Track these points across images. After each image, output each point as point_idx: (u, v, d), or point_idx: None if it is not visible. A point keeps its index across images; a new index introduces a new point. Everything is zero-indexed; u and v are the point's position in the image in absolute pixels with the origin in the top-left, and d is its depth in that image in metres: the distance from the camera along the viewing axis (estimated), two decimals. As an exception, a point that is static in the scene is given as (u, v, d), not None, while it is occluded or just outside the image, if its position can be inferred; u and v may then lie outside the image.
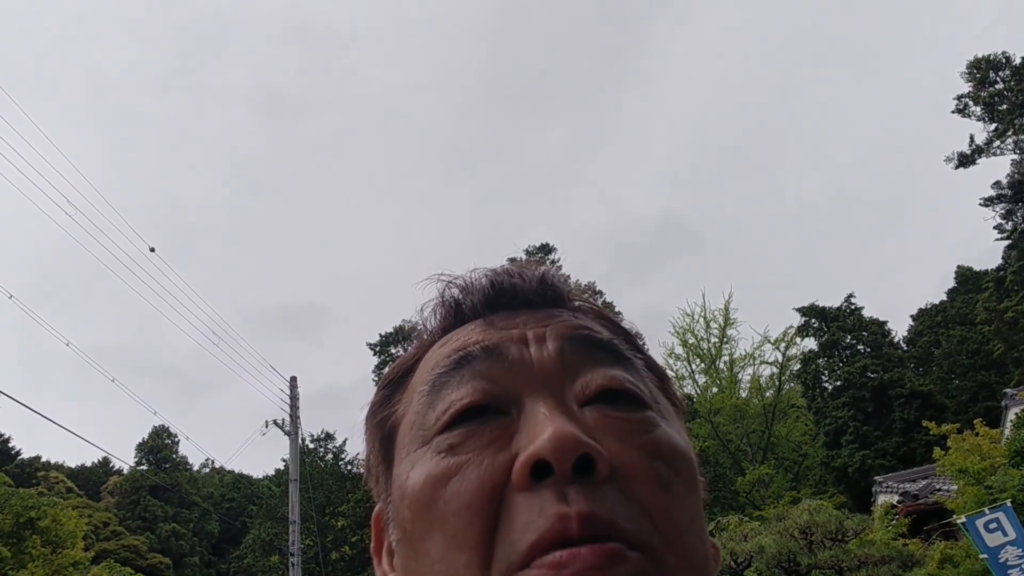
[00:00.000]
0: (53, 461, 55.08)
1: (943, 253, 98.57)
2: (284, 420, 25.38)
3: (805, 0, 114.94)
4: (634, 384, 0.62)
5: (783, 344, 42.05)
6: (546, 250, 42.95)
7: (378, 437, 0.70)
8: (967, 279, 47.95)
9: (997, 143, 36.69)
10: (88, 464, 59.70)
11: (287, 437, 25.45)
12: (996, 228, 37.78)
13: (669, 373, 0.73)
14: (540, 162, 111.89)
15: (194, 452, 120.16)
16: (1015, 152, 36.57)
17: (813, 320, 41.40)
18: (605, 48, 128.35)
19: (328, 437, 46.40)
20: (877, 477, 26.94)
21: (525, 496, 0.53)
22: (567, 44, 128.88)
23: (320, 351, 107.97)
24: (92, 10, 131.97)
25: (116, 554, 40.57)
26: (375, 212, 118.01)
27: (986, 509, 11.03)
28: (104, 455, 74.47)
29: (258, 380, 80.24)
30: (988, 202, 37.72)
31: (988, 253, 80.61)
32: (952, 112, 37.42)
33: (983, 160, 37.18)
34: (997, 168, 56.54)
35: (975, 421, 18.89)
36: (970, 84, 36.84)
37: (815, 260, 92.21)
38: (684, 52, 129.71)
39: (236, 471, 60.57)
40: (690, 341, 43.54)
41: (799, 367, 41.50)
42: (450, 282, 0.72)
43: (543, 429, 0.54)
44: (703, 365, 43.87)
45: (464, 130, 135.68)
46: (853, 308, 41.81)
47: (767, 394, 42.72)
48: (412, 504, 0.58)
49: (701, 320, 43.67)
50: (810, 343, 41.68)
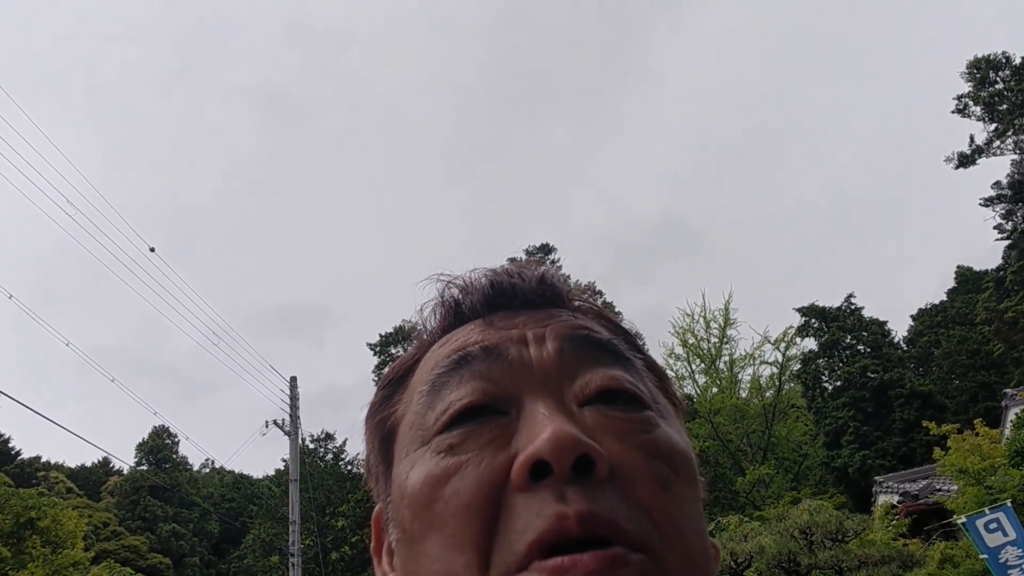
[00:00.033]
0: (53, 461, 55.12)
1: (943, 253, 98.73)
2: (284, 420, 25.40)
3: (805, 0, 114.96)
4: (633, 384, 0.62)
5: (783, 344, 42.10)
6: (546, 250, 42.93)
7: (378, 437, 0.70)
8: (967, 279, 47.93)
9: (997, 143, 36.67)
10: (88, 464, 59.77)
11: (287, 437, 25.46)
12: (996, 228, 37.81)
13: (669, 373, 0.73)
14: (540, 162, 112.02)
15: (194, 452, 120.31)
16: (1015, 152, 36.56)
17: (813, 320, 41.39)
18: (605, 48, 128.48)
19: (328, 437, 46.41)
20: (877, 477, 26.93)
21: (524, 496, 0.53)
22: (567, 44, 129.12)
23: (320, 351, 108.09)
24: (92, 10, 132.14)
25: (116, 554, 40.56)
26: (375, 212, 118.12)
27: (986, 509, 11.03)
28: (104, 455, 74.52)
29: (258, 380, 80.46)
30: (988, 202, 37.72)
31: (988, 253, 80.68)
32: (952, 112, 37.45)
33: (983, 160, 37.19)
34: (997, 168, 56.58)
35: (975, 421, 18.89)
36: (970, 84, 36.84)
37: (815, 260, 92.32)
38: (684, 52, 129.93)
39: (236, 471, 60.65)
40: (690, 341, 43.58)
41: (799, 367, 41.47)
42: (450, 282, 0.72)
43: (542, 429, 0.54)
44: (703, 365, 43.89)
45: (464, 130, 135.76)
46: (853, 308, 41.80)
47: (767, 394, 42.70)
48: (411, 504, 0.58)
49: (701, 320, 43.72)
50: (810, 343, 41.74)
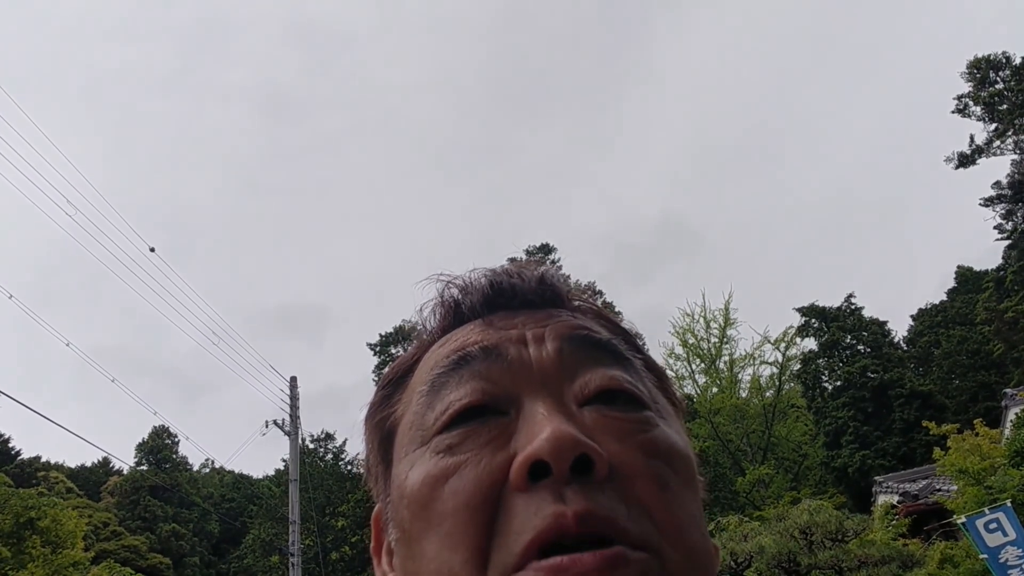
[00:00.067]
0: (53, 461, 55.09)
1: (943, 253, 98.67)
2: (284, 420, 25.40)
3: (805, 0, 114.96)
4: (633, 384, 0.62)
5: (783, 344, 42.10)
6: (546, 250, 42.93)
7: (377, 437, 0.70)
8: (967, 279, 47.92)
9: (997, 143, 36.67)
10: (88, 464, 59.75)
11: (287, 437, 25.45)
12: (996, 228, 37.82)
13: (669, 373, 0.73)
14: (540, 162, 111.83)
15: (194, 452, 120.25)
16: (1015, 152, 36.56)
17: (813, 320, 41.39)
18: (605, 48, 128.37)
19: (328, 437, 46.41)
20: (877, 477, 26.92)
21: (523, 496, 0.53)
22: (567, 44, 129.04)
23: (320, 351, 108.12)
24: (92, 10, 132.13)
25: (116, 554, 40.55)
26: (375, 212, 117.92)
27: (986, 509, 11.02)
28: (104, 455, 74.47)
29: (258, 380, 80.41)
30: (988, 202, 37.72)
31: (988, 253, 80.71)
32: (952, 112, 37.43)
33: (983, 160, 37.19)
34: (997, 168, 56.59)
35: (975, 421, 18.88)
36: (970, 84, 36.83)
37: (815, 260, 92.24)
38: (684, 52, 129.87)
39: (236, 471, 60.62)
40: (690, 341, 43.59)
41: (799, 367, 41.47)
42: (449, 282, 0.72)
43: (541, 429, 0.54)
44: (703, 365, 43.90)
45: (464, 130, 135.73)
46: (853, 308, 41.79)
47: (767, 394, 42.71)
48: (410, 504, 0.58)
49: (701, 320, 43.73)
50: (810, 343, 41.72)
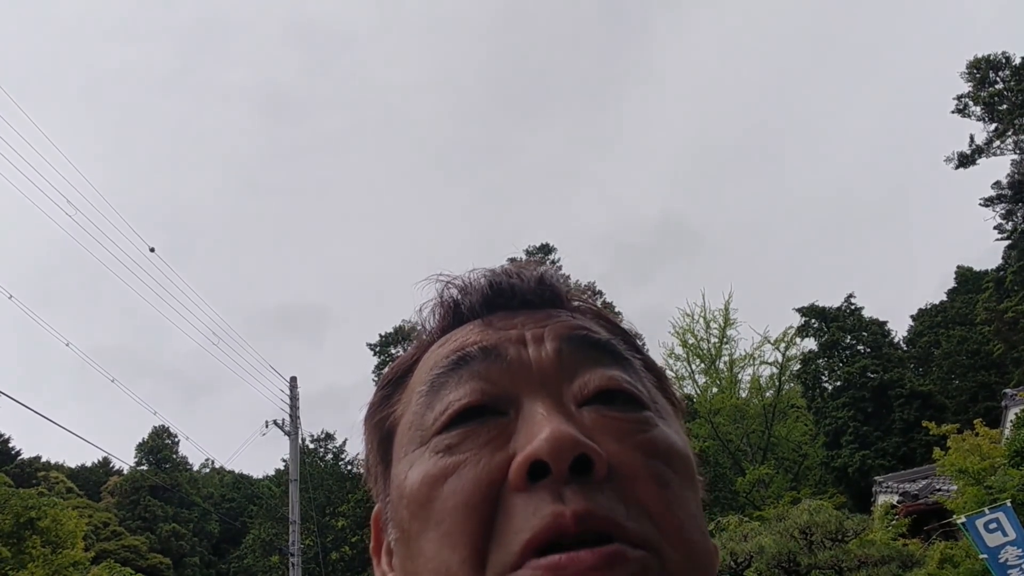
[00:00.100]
0: (53, 461, 55.10)
1: (943, 253, 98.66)
2: (284, 420, 25.40)
3: (805, 0, 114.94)
4: (632, 384, 0.62)
5: (783, 344, 42.11)
6: (546, 250, 42.93)
7: (377, 437, 0.70)
8: (967, 279, 47.92)
9: (997, 143, 36.67)
10: (88, 464, 59.76)
11: (287, 437, 25.46)
12: (996, 228, 37.83)
13: (669, 373, 0.74)
14: (540, 162, 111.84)
15: (194, 452, 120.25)
16: (1015, 152, 36.56)
17: (813, 320, 41.39)
18: (605, 48, 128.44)
19: (328, 437, 46.43)
20: (877, 477, 26.92)
21: (522, 496, 0.53)
22: (567, 44, 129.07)
23: (320, 351, 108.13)
24: (92, 10, 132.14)
25: (116, 554, 40.56)
26: (375, 212, 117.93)
27: (986, 509, 11.03)
28: (104, 455, 74.46)
29: (258, 380, 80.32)
30: (988, 202, 37.73)
31: (988, 253, 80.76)
32: (952, 112, 37.45)
33: (983, 160, 37.20)
34: (997, 168, 56.58)
35: (975, 421, 18.88)
36: (970, 84, 36.84)
37: (815, 260, 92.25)
38: (684, 52, 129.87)
39: (236, 471, 60.61)
40: (690, 341, 43.59)
41: (799, 367, 41.47)
42: (449, 282, 0.72)
43: (540, 429, 0.54)
44: (703, 365, 43.91)
45: (464, 130, 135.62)
46: (853, 308, 41.79)
47: (767, 394, 42.72)
48: (410, 503, 0.58)
49: (701, 320, 43.74)
50: (810, 343, 41.72)
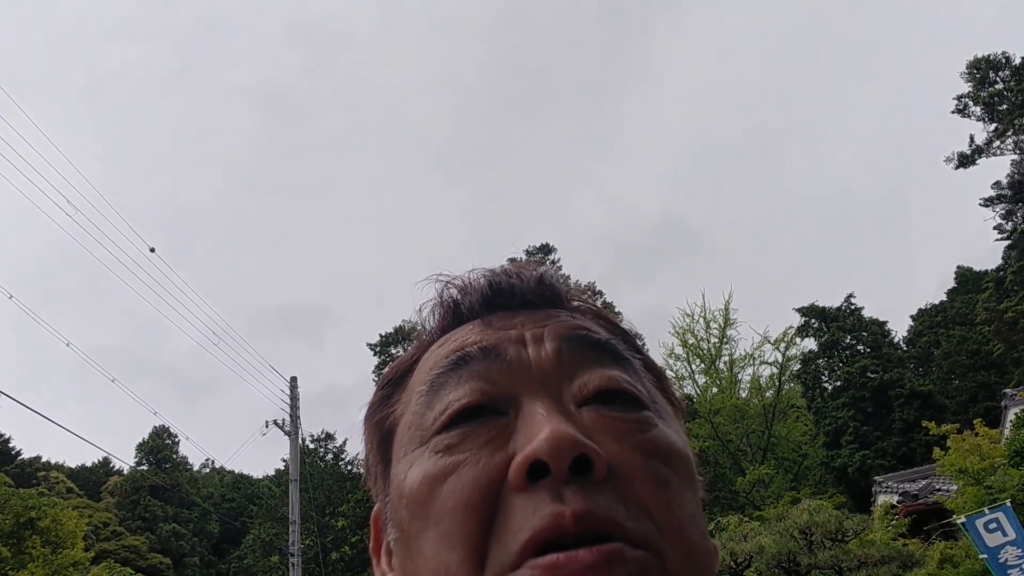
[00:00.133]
0: (53, 461, 55.08)
1: (943, 253, 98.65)
2: (284, 420, 25.39)
3: (805, 0, 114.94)
4: (632, 384, 0.62)
5: (783, 344, 42.10)
6: (546, 250, 42.93)
7: (376, 437, 0.70)
8: (967, 279, 47.92)
9: (997, 143, 36.67)
10: (88, 464, 59.75)
11: (287, 437, 25.45)
12: (996, 228, 37.83)
13: (669, 373, 0.74)
14: (540, 162, 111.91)
15: (194, 452, 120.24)
16: (1015, 152, 36.55)
17: (813, 320, 41.39)
18: (605, 48, 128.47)
19: (328, 437, 46.44)
20: (877, 477, 26.92)
21: (521, 496, 0.53)
22: (567, 44, 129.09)
23: (320, 351, 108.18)
24: (92, 10, 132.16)
25: (116, 554, 40.55)
26: (375, 212, 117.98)
27: (986, 509, 11.02)
28: (104, 455, 74.46)
29: (258, 380, 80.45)
30: (988, 202, 37.72)
31: (988, 253, 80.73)
32: (952, 112, 37.44)
33: (983, 160, 37.20)
34: (997, 168, 56.62)
35: (975, 421, 18.87)
36: (970, 84, 36.83)
37: (815, 260, 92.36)
38: (684, 52, 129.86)
39: (236, 471, 60.62)
40: (690, 341, 43.59)
41: (799, 367, 41.47)
42: (448, 282, 0.72)
43: (540, 429, 0.54)
44: (703, 365, 43.90)
45: (464, 130, 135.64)
46: (853, 308, 41.79)
47: (767, 394, 42.71)
48: (409, 503, 0.59)
49: (701, 320, 43.73)
50: (810, 343, 41.73)
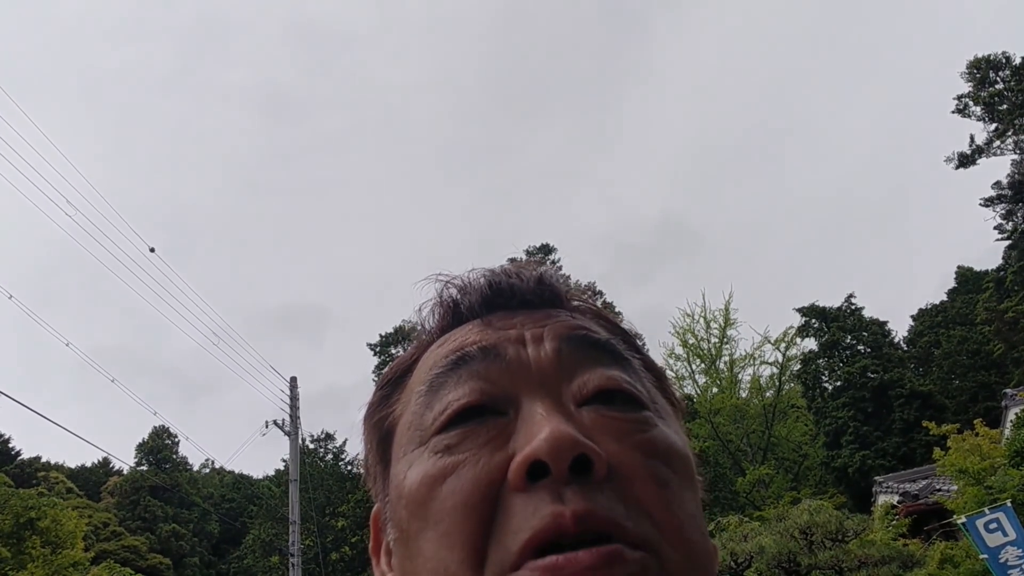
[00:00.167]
0: (53, 461, 55.07)
1: (943, 253, 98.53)
2: (284, 420, 25.39)
3: (805, 0, 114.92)
4: (631, 384, 0.62)
5: (783, 344, 42.13)
6: (546, 250, 42.94)
7: (376, 437, 0.70)
8: (967, 279, 47.91)
9: (997, 143, 36.66)
10: (88, 464, 59.71)
11: (287, 437, 25.45)
12: (996, 228, 37.81)
13: (669, 373, 0.73)
14: (540, 162, 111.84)
15: (194, 452, 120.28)
16: (1015, 152, 36.55)
17: (813, 320, 41.38)
18: (605, 48, 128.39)
19: (328, 437, 46.43)
20: (877, 477, 26.92)
21: (521, 497, 0.52)
22: (567, 44, 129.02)
23: (320, 351, 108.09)
24: (92, 10, 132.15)
25: (116, 554, 40.56)
26: (375, 212, 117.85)
27: (986, 509, 11.02)
28: (104, 455, 74.37)
29: (258, 380, 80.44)
30: (988, 202, 37.72)
31: (988, 253, 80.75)
32: (952, 112, 37.44)
33: (983, 160, 37.18)
34: (997, 168, 56.53)
35: (975, 421, 18.88)
36: (970, 84, 36.83)
37: (815, 260, 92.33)
38: (684, 52, 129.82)
39: (236, 471, 60.60)
40: (690, 341, 43.62)
41: (799, 367, 41.46)
42: (448, 282, 0.72)
43: (540, 429, 0.54)
44: (703, 365, 43.93)
45: (464, 130, 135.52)
46: (853, 308, 41.78)
47: (767, 394, 42.74)
48: (408, 503, 0.58)
49: (701, 320, 43.77)
50: (810, 343, 41.71)
